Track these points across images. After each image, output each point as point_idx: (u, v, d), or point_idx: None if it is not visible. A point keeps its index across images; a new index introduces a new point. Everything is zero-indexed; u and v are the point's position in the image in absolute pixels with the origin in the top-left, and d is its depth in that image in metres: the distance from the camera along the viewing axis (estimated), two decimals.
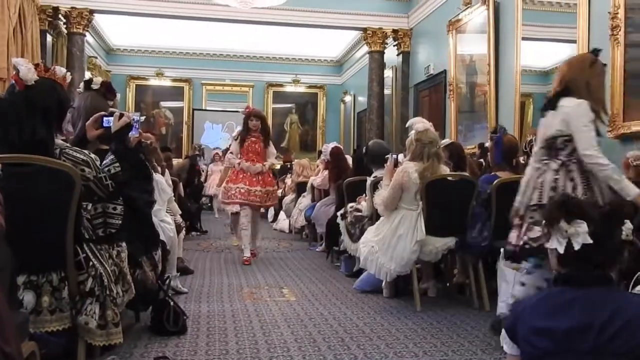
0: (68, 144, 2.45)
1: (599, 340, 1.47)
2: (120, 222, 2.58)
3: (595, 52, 3.08)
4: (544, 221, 1.67)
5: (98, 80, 3.09)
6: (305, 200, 8.11)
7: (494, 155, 4.29)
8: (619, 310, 1.50)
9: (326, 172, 7.22)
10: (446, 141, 4.84)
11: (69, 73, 2.53)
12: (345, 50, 13.84)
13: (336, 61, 15.00)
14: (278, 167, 11.60)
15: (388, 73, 10.85)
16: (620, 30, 4.96)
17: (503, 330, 1.70)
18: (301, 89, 15.15)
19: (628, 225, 1.56)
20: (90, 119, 2.68)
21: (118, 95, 3.19)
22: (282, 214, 9.72)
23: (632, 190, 2.64)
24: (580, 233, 1.56)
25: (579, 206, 1.61)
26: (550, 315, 1.56)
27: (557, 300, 1.59)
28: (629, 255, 2.60)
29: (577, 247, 1.56)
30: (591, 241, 1.54)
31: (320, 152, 8.43)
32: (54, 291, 2.33)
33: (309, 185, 7.97)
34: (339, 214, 5.54)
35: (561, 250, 1.59)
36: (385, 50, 10.54)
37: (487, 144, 4.85)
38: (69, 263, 2.34)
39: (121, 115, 2.61)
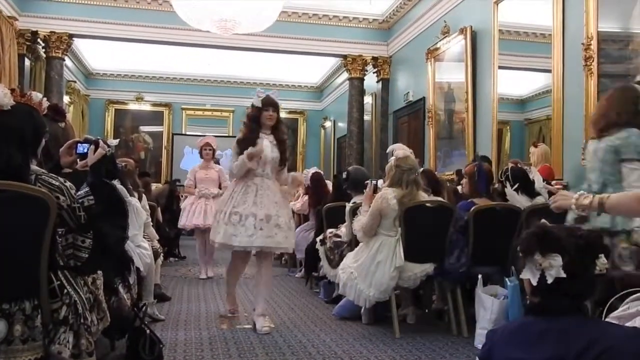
0: (44, 170, 2.42)
1: None
2: (87, 255, 2.54)
3: None
4: (519, 251, 1.68)
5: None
6: None
7: (477, 184, 4.35)
8: (594, 341, 1.49)
9: (306, 198, 7.22)
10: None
11: (45, 99, 2.51)
12: (325, 76, 13.96)
13: (316, 87, 15.11)
14: None
15: (368, 99, 10.96)
16: (593, 61, 5.08)
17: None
18: (281, 114, 14.98)
19: (602, 260, 1.57)
20: (64, 145, 2.65)
21: (69, 116, 3.15)
22: None
23: None
24: (554, 266, 1.56)
25: (555, 239, 1.61)
26: (524, 346, 1.55)
27: (531, 330, 1.59)
28: (601, 284, 2.63)
29: (549, 280, 1.57)
30: (564, 275, 1.55)
31: None
32: (26, 320, 2.27)
33: None
34: (318, 239, 5.53)
35: (534, 282, 1.60)
36: (365, 77, 10.66)
37: (464, 170, 4.91)
38: (43, 291, 2.30)
39: (96, 144, 2.59)
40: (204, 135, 7.59)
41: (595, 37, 5.08)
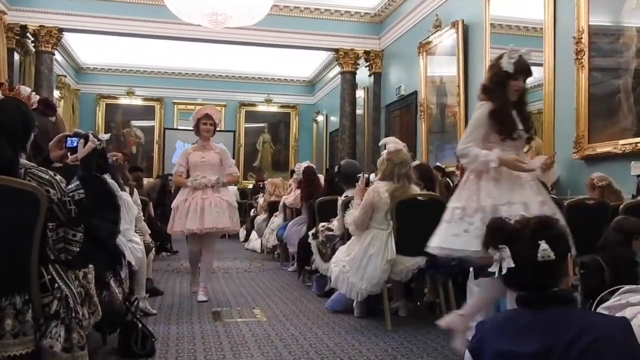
0: (33, 164, 2.41)
1: None
2: (78, 249, 2.53)
3: None
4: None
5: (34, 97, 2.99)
6: (277, 219, 8.09)
7: None
8: (583, 332, 1.49)
9: (298, 191, 7.22)
10: (415, 162, 4.89)
11: (34, 93, 2.50)
12: (317, 70, 13.94)
13: (308, 81, 15.09)
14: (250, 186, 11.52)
15: (360, 93, 10.97)
16: (584, 54, 5.10)
17: (467, 352, 1.70)
18: (274, 108, 15.18)
19: (543, 246, 1.58)
20: (54, 139, 2.65)
21: (59, 110, 3.13)
22: (254, 234, 9.67)
23: None
24: (505, 258, 1.61)
25: (502, 230, 1.65)
26: (514, 338, 1.56)
27: (520, 322, 1.60)
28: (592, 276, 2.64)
29: (504, 271, 1.61)
30: (513, 265, 1.59)
31: (292, 172, 8.43)
32: (17, 314, 2.27)
33: (281, 204, 7.95)
34: (310, 233, 5.54)
35: (496, 274, 1.65)
36: (357, 71, 10.67)
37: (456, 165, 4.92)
38: (34, 285, 2.29)
39: (86, 138, 2.58)
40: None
41: (587, 30, 5.10)
